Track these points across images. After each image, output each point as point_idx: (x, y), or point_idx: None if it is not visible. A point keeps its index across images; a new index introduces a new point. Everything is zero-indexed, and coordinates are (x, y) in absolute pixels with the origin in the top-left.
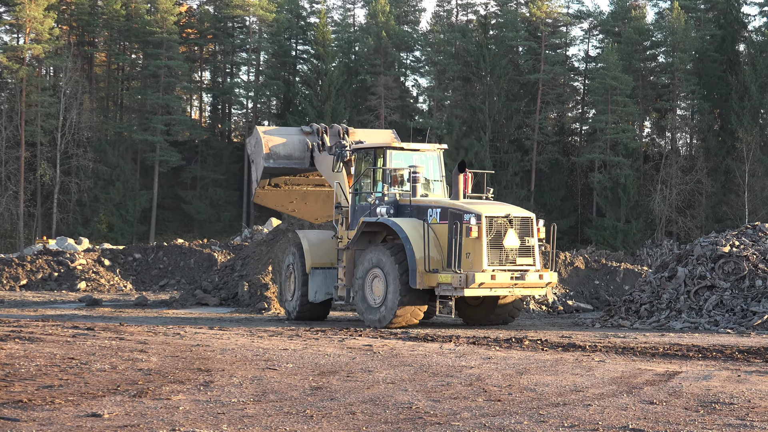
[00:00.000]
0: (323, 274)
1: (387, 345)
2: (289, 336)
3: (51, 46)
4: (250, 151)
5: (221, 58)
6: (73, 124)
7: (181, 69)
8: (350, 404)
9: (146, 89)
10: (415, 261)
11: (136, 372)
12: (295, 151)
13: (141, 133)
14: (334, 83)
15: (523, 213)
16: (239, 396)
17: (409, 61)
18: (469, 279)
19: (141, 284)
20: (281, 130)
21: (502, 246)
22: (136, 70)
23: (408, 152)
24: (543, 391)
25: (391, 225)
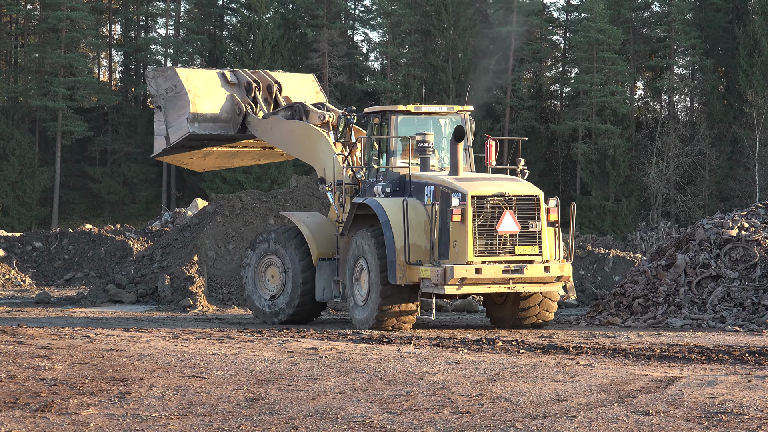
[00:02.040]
0: (330, 267)
1: (335, 348)
2: (219, 338)
3: None
4: (154, 91)
5: (134, 9)
6: None
7: (87, 22)
8: (292, 418)
9: (45, 46)
10: (394, 251)
11: (38, 382)
12: (223, 112)
13: (40, 98)
14: (268, 38)
15: (527, 191)
16: (161, 409)
17: (358, 12)
18: (447, 274)
19: (42, 278)
20: (201, 76)
21: (495, 232)
22: (32, 24)
23: (424, 117)
24: (519, 400)
25: (374, 207)
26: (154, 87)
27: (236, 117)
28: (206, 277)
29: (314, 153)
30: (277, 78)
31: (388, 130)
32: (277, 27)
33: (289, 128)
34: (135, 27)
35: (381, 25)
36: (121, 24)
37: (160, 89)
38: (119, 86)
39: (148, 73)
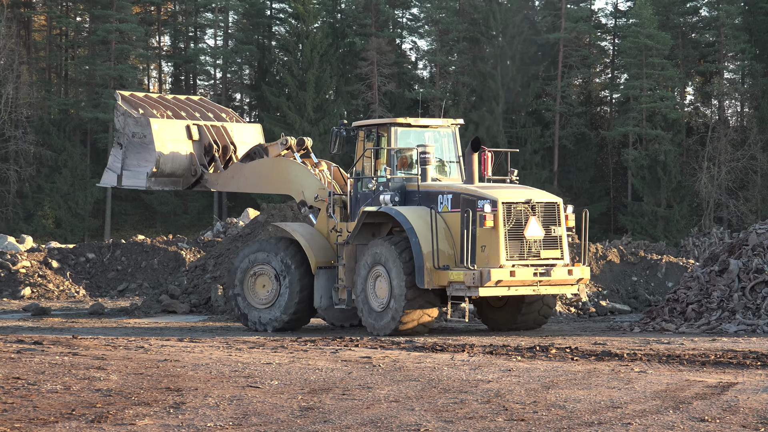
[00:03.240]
0: (325, 275)
1: (389, 357)
2: (272, 348)
3: None
4: (120, 128)
5: (183, 20)
6: (9, 101)
7: (136, 33)
8: (347, 427)
9: (95, 58)
10: (422, 257)
11: (94, 393)
12: (179, 168)
13: (90, 110)
14: (316, 48)
15: (548, 198)
16: (216, 419)
17: (406, 20)
18: (484, 276)
19: (96, 289)
20: (169, 128)
21: (524, 237)
22: (82, 36)
23: (418, 129)
24: (574, 408)
25: (394, 214)
26: (121, 124)
27: (190, 176)
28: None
29: (287, 181)
30: (232, 132)
31: (387, 142)
32: (326, 36)
33: (253, 169)
34: (184, 38)
35: (429, 33)
36: (170, 35)
37: (127, 129)
38: None
39: (118, 108)
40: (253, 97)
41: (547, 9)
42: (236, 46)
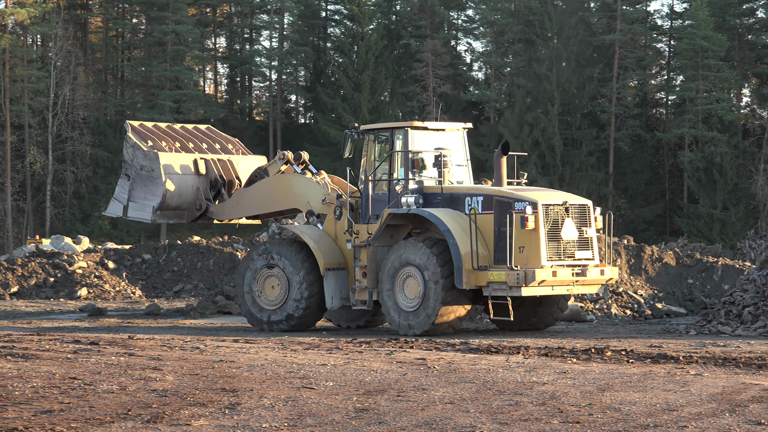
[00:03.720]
0: (335, 276)
1: (444, 358)
2: (327, 349)
3: (37, 10)
4: (128, 159)
5: (238, 21)
6: (66, 102)
7: (192, 35)
8: (401, 428)
9: (151, 60)
10: (460, 258)
11: (149, 393)
12: (185, 203)
13: (146, 111)
14: (372, 49)
15: (581, 200)
16: (271, 420)
17: (461, 22)
18: (529, 276)
19: (152, 290)
20: (178, 162)
21: (560, 238)
22: (138, 38)
23: (433, 133)
24: (629, 410)
25: (428, 216)
26: (130, 156)
27: (195, 210)
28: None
29: (291, 195)
30: (238, 166)
31: (403, 145)
32: (381, 38)
33: (256, 191)
34: (239, 39)
35: (484, 35)
36: (225, 37)
37: (136, 162)
38: (225, 99)
39: (128, 139)
40: (308, 98)
41: (603, 11)
42: (291, 48)
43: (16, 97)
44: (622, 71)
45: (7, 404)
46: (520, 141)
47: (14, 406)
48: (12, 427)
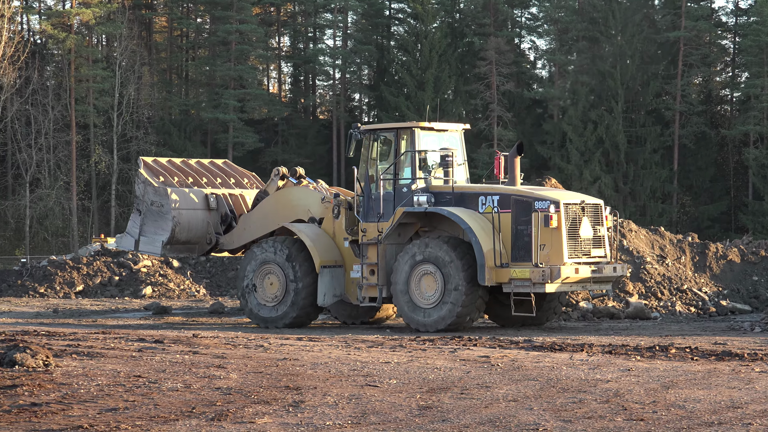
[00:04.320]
0: (330, 274)
1: (507, 356)
2: (391, 347)
3: (102, 10)
4: (140, 195)
5: (302, 20)
6: (131, 102)
7: (256, 34)
8: (465, 426)
9: (215, 59)
10: (483, 255)
11: (214, 391)
12: (195, 237)
13: (211, 110)
14: (435, 47)
15: (594, 200)
16: (335, 418)
17: (525, 20)
18: (554, 273)
19: (216, 288)
20: (189, 198)
21: (579, 236)
22: (202, 37)
23: (437, 133)
24: (694, 408)
25: (448, 215)
26: (141, 191)
27: (205, 244)
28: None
29: (292, 207)
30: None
31: (409, 145)
32: (444, 36)
33: (259, 212)
34: (303, 38)
35: (548, 33)
36: (289, 36)
37: (147, 197)
38: (288, 97)
39: (139, 175)
40: (372, 97)
41: (667, 7)
42: (355, 47)
43: (82, 96)
44: (687, 68)
45: (73, 402)
46: (584, 139)
47: (79, 404)
48: (77, 425)
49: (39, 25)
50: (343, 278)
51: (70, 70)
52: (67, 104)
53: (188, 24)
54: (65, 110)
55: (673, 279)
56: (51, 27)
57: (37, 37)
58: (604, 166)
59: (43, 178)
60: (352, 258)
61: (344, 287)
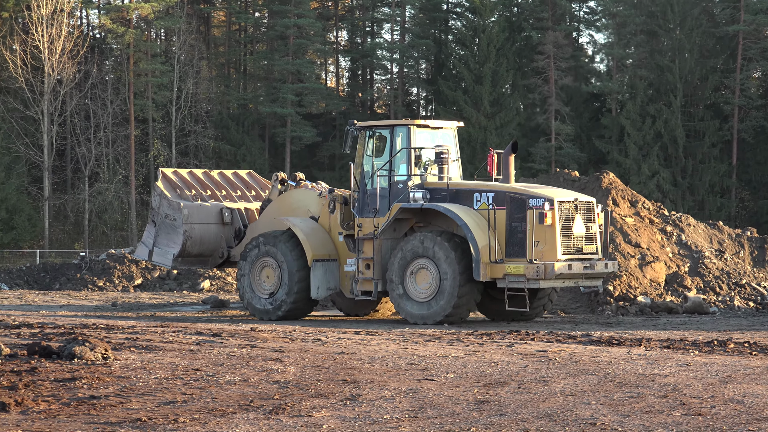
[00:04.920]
0: (323, 268)
1: (565, 350)
2: (448, 341)
3: (161, 4)
4: (155, 207)
5: (360, 15)
6: (189, 96)
7: (314, 28)
8: (522, 420)
9: (273, 53)
10: (479, 251)
11: (271, 385)
12: (207, 250)
13: (269, 104)
14: (493, 41)
15: (587, 198)
16: (392, 411)
17: (583, 14)
18: (548, 269)
19: None
20: (202, 212)
21: (572, 233)
22: (260, 31)
23: (431, 130)
24: (752, 403)
25: (444, 211)
26: (156, 203)
27: (217, 257)
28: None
29: (292, 209)
30: None
31: (404, 142)
32: (502, 30)
33: (264, 218)
34: (361, 33)
35: (606, 27)
36: (347, 30)
37: (161, 210)
38: (346, 92)
39: (155, 189)
40: (430, 91)
41: (726, 1)
42: (413, 41)
43: (140, 91)
44: (746, 62)
45: (131, 395)
46: (642, 133)
47: (138, 398)
48: (135, 417)
49: (98, 20)
50: (338, 272)
51: (129, 64)
52: (125, 98)
53: (246, 18)
54: (124, 104)
55: (732, 273)
56: (110, 22)
57: (97, 32)
58: (662, 160)
59: (102, 172)
60: (346, 252)
61: (339, 280)
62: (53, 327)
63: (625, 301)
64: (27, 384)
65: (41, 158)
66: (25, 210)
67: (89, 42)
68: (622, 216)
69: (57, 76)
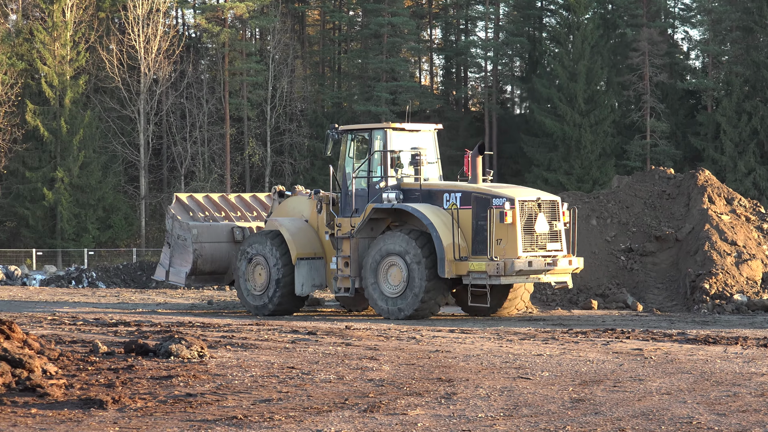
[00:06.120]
0: (308, 265)
1: (660, 349)
2: (543, 339)
3: (256, 3)
4: (169, 229)
5: (454, 13)
6: (284, 95)
7: (408, 27)
8: (618, 419)
9: (367, 52)
10: (443, 249)
11: (366, 383)
12: (220, 268)
13: (363, 103)
14: (587, 39)
15: (551, 196)
16: (487, 410)
17: (678, 10)
18: (507, 266)
19: None
20: (213, 231)
21: (534, 231)
22: (354, 30)
23: (408, 133)
24: None
25: (412, 211)
26: (170, 226)
27: (231, 274)
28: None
29: (289, 215)
30: None
31: (382, 144)
32: (597, 27)
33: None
34: (455, 31)
35: (701, 23)
36: (441, 28)
37: (174, 231)
38: (440, 90)
39: (168, 211)
40: (524, 89)
41: None
42: (507, 38)
43: (236, 90)
44: None
45: (227, 393)
46: (738, 130)
47: (234, 395)
48: (231, 415)
49: (193, 20)
50: (324, 269)
51: (224, 63)
52: (221, 97)
53: (341, 17)
54: (219, 103)
55: None
56: (205, 21)
57: (192, 32)
58: (758, 157)
59: (198, 170)
60: (332, 251)
61: (324, 278)
62: (150, 325)
63: (722, 299)
64: (124, 382)
65: (137, 157)
66: (121, 209)
67: (185, 41)
68: (718, 214)
69: (153, 75)
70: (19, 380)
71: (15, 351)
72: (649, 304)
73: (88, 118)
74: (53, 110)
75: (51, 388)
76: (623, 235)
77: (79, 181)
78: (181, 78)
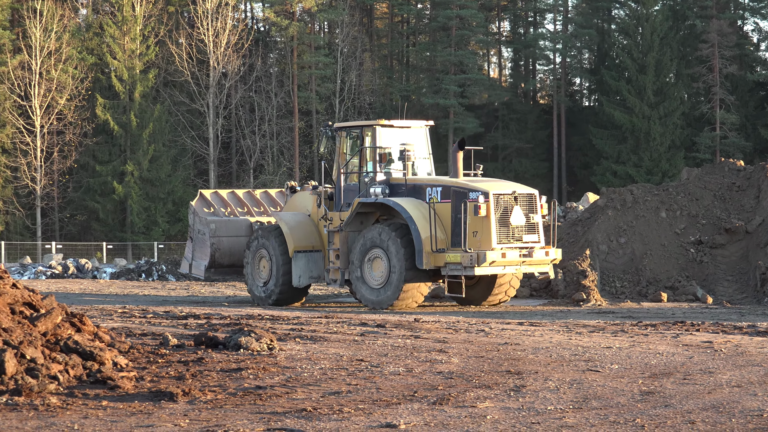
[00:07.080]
0: (306, 258)
1: (730, 341)
2: (612, 332)
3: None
4: (191, 224)
5: (522, 5)
6: (352, 88)
7: (476, 19)
8: (688, 411)
9: (436, 45)
10: (421, 241)
11: (435, 375)
12: (240, 259)
13: (431, 96)
14: (657, 30)
15: (528, 189)
16: (556, 402)
17: (748, 1)
18: (480, 258)
19: None
20: (231, 226)
21: (509, 223)
22: (423, 23)
23: (398, 130)
24: None
25: (393, 205)
26: (192, 221)
27: None
28: (598, 271)
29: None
30: None
31: (371, 140)
32: (666, 19)
33: None
34: (523, 23)
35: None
36: (509, 20)
37: (195, 226)
38: (509, 82)
39: (190, 208)
40: (593, 81)
41: None
42: (575, 31)
43: (304, 83)
44: None
45: (297, 385)
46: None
47: (303, 388)
48: (301, 407)
49: (262, 13)
50: (322, 262)
51: (293, 57)
52: (289, 91)
53: (409, 10)
54: (288, 97)
55: None
56: (274, 15)
57: (261, 25)
58: None
59: (267, 164)
60: None
61: (323, 270)
62: (219, 318)
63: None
64: (194, 374)
65: (207, 150)
66: None
67: (253, 35)
68: None
69: (222, 69)
70: (90, 373)
71: (86, 344)
72: (719, 296)
73: (158, 111)
74: (123, 104)
75: (121, 380)
76: (693, 228)
77: (149, 175)
78: (249, 71)
